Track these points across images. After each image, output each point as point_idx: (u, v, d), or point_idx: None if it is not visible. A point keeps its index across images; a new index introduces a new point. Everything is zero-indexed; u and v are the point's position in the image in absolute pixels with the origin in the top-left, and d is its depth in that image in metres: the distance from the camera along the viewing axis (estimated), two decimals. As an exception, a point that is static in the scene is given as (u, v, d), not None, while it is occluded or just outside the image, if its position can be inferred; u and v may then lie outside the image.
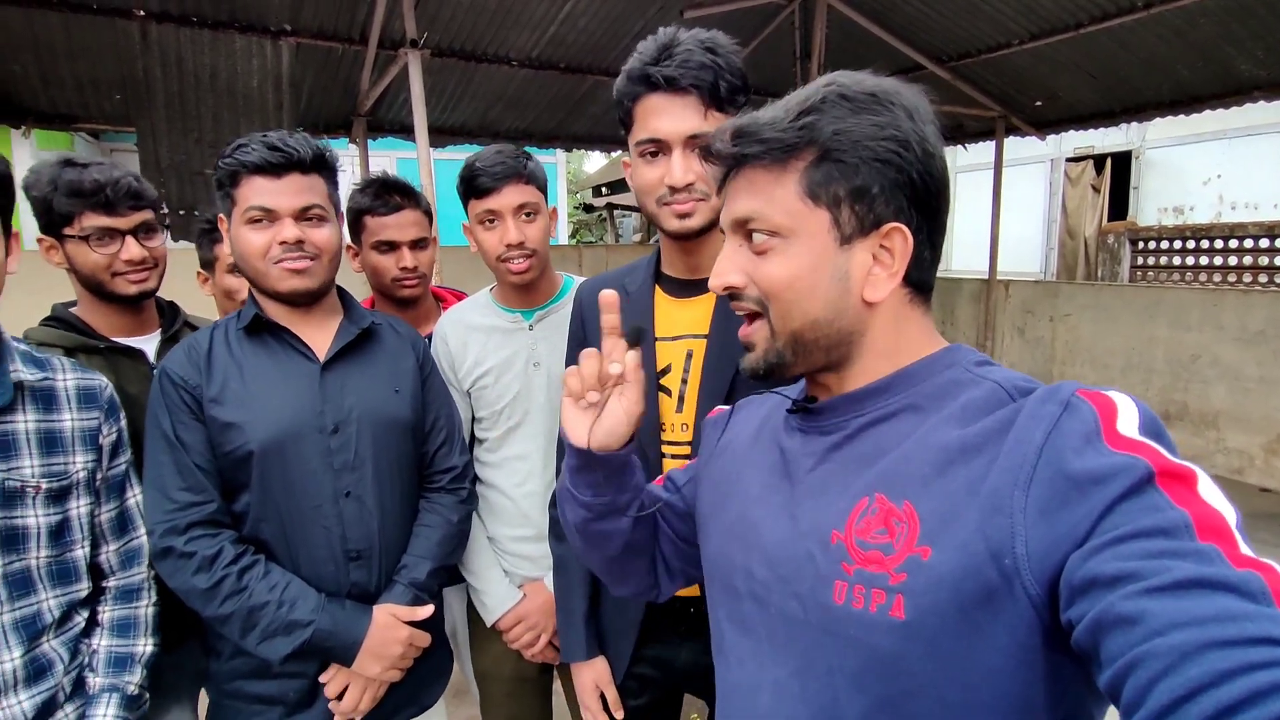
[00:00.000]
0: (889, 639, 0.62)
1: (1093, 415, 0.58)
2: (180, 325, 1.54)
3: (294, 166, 1.26)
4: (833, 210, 0.68)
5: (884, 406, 0.71)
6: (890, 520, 0.65)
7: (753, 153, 0.70)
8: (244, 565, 1.23)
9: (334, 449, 1.29)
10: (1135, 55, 4.91)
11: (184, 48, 4.45)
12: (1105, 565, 0.51)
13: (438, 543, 1.39)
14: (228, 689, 1.33)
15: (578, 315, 1.37)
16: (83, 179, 1.34)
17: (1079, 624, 0.52)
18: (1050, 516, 0.56)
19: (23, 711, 1.08)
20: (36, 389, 1.14)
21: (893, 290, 0.70)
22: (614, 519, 0.90)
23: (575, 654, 1.37)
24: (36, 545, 1.11)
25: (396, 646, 1.30)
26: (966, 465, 0.62)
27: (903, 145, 0.67)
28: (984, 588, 0.58)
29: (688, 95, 1.10)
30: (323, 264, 1.30)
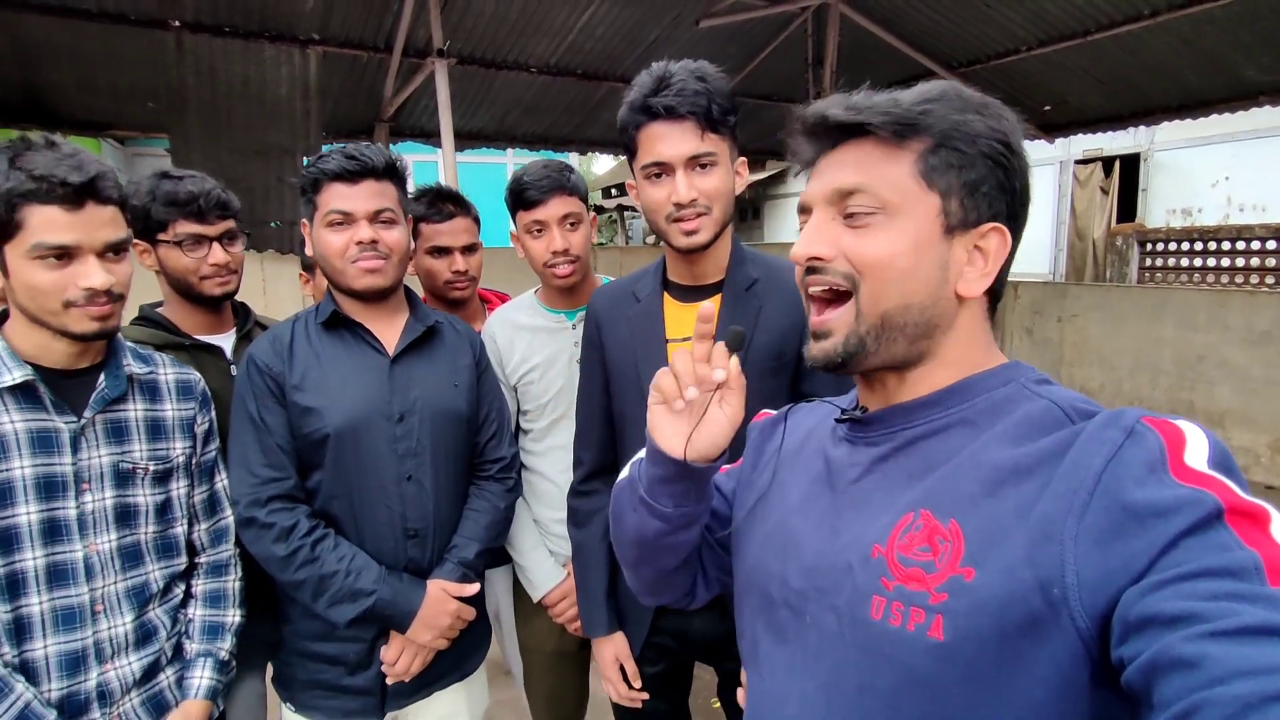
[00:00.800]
0: (925, 659, 0.60)
1: (1159, 444, 0.55)
2: (252, 324, 1.68)
3: (368, 174, 1.39)
4: (944, 198, 0.68)
5: (935, 420, 0.69)
6: (934, 538, 0.63)
7: (875, 123, 0.67)
8: (317, 537, 1.36)
9: (399, 435, 1.42)
10: (1143, 61, 5.00)
11: (216, 57, 4.61)
12: (1165, 604, 0.48)
13: (485, 526, 1.52)
14: (296, 648, 1.46)
15: (593, 320, 1.48)
16: (178, 190, 1.48)
17: (1131, 663, 0.49)
18: (1105, 547, 0.54)
19: (132, 672, 1.21)
20: (143, 381, 1.27)
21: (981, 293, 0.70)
22: (689, 531, 0.87)
23: (596, 630, 1.49)
24: (145, 521, 1.24)
25: (445, 618, 1.43)
26: (1018, 487, 0.60)
27: (1011, 151, 0.68)
28: (1029, 615, 0.56)
29: (686, 121, 1.23)
30: (393, 263, 1.42)
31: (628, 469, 0.93)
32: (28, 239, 1.06)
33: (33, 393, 1.13)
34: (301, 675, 1.46)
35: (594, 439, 1.49)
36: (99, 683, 1.17)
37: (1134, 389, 5.74)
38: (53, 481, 1.13)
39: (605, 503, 1.47)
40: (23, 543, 1.11)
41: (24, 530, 1.11)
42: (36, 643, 1.12)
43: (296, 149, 5.15)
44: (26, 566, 1.11)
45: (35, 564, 1.12)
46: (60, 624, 1.14)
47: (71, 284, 1.09)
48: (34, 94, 4.85)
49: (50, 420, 1.14)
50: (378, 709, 1.45)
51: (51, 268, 1.08)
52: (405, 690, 1.47)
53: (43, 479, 1.12)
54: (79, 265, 1.10)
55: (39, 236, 1.06)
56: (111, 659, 1.19)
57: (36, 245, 1.06)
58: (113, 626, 1.19)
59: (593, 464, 1.50)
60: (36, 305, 1.10)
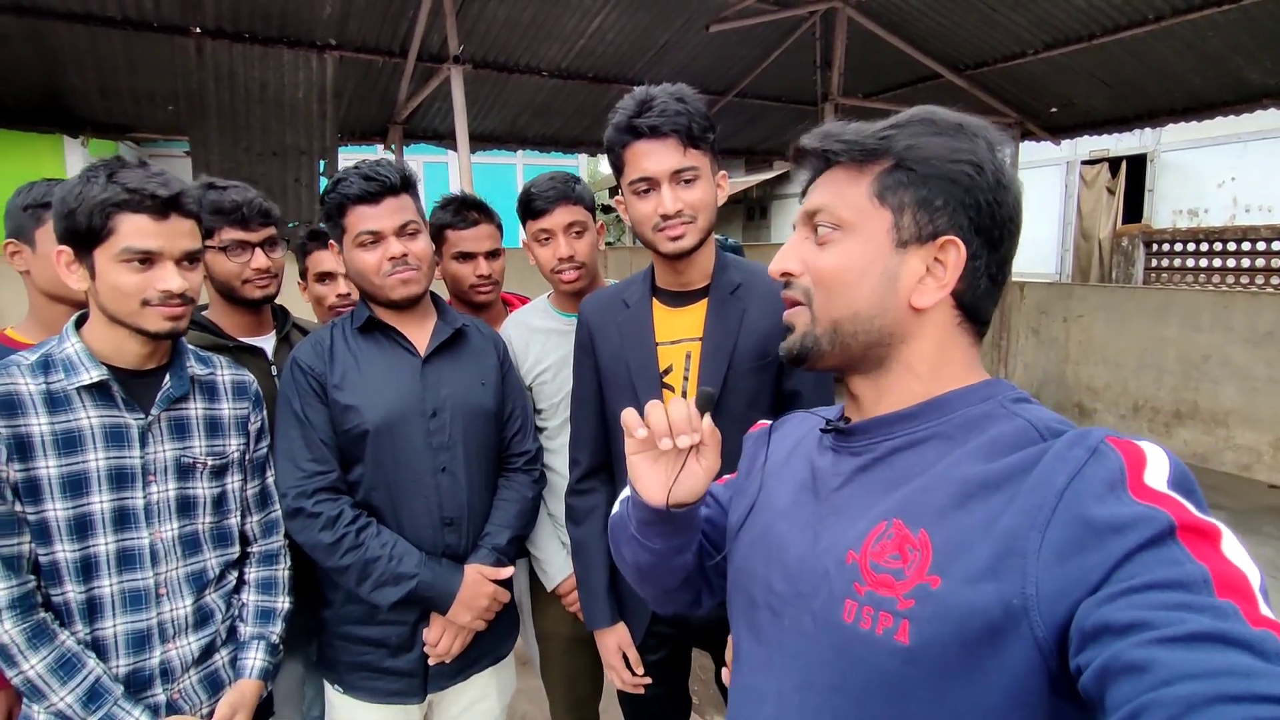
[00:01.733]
0: (891, 662, 0.64)
1: (1119, 464, 0.58)
2: (290, 327, 1.77)
3: (387, 191, 1.47)
4: (895, 214, 0.72)
5: (914, 432, 0.73)
6: (905, 546, 0.66)
7: (834, 150, 0.75)
8: (360, 525, 1.45)
9: (433, 430, 1.51)
10: (1147, 65, 5.05)
11: (236, 62, 4.71)
12: (1118, 613, 0.51)
13: (515, 515, 1.61)
14: (339, 632, 1.54)
15: (584, 327, 1.56)
16: (223, 199, 1.57)
17: (1087, 669, 0.52)
18: (1065, 561, 0.56)
19: (191, 651, 1.30)
20: (203, 382, 1.36)
21: (940, 304, 0.73)
22: (682, 555, 0.92)
23: (599, 622, 1.56)
24: (203, 512, 1.33)
25: (483, 599, 1.51)
26: (985, 501, 0.63)
27: (976, 169, 0.70)
28: (989, 625, 0.59)
29: (668, 139, 1.32)
30: (424, 271, 1.52)
31: (618, 505, 0.97)
32: (118, 243, 1.17)
33: (107, 391, 1.22)
34: (345, 658, 1.54)
35: (588, 440, 1.57)
36: (161, 660, 1.26)
37: (1139, 388, 5.79)
38: (123, 473, 1.23)
39: (601, 501, 1.56)
40: (96, 529, 1.20)
41: (98, 517, 1.20)
42: (107, 622, 1.21)
43: (313, 151, 5.25)
44: (99, 551, 1.21)
45: (107, 549, 1.21)
46: (128, 605, 1.23)
47: (151, 286, 1.19)
48: (58, 98, 4.96)
49: (121, 416, 1.23)
50: (420, 690, 1.54)
51: (135, 270, 1.19)
52: (446, 672, 1.55)
53: (114, 470, 1.22)
54: (159, 270, 1.20)
55: (128, 241, 1.17)
56: (173, 639, 1.28)
57: (125, 249, 1.17)
58: (174, 609, 1.28)
59: (588, 464, 1.57)
60: (117, 305, 1.20)
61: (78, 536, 1.18)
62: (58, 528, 1.17)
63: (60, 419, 1.17)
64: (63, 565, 1.18)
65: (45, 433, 1.16)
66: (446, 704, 1.62)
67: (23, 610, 1.14)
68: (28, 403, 1.16)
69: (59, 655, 1.15)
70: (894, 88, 6.17)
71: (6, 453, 1.13)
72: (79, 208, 1.16)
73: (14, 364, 1.19)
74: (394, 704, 1.53)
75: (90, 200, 1.15)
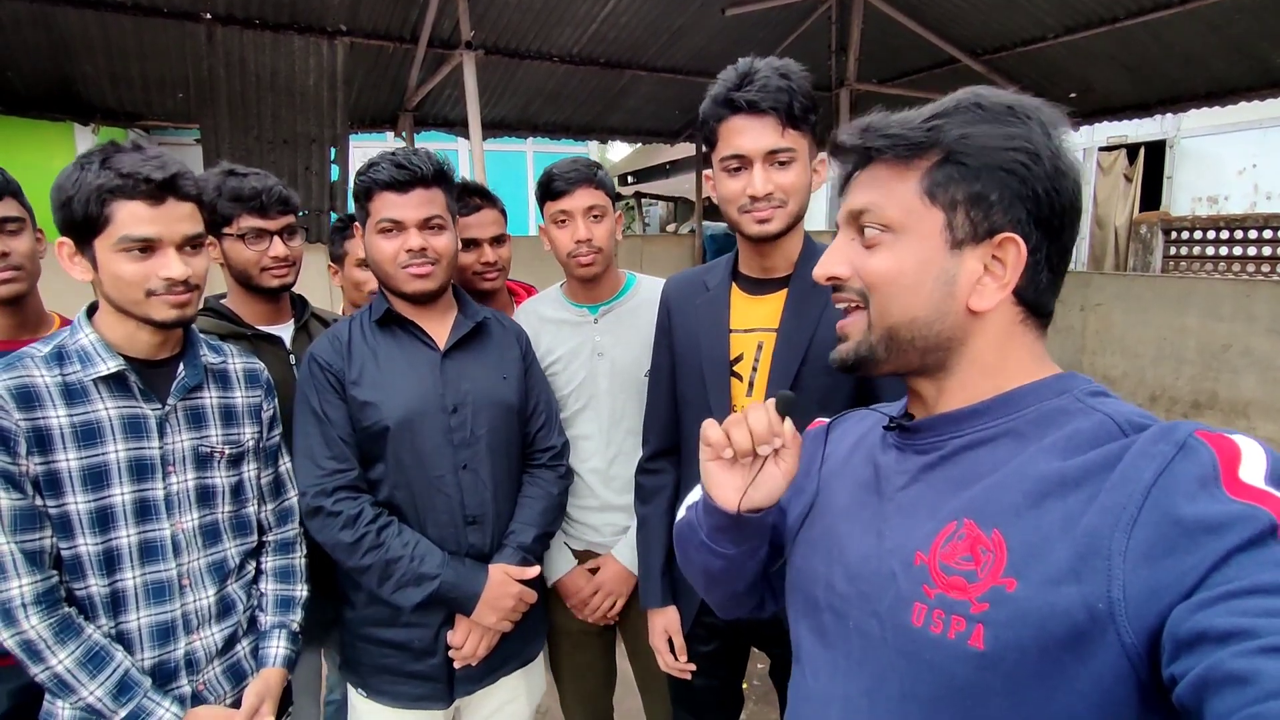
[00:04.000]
0: (965, 668, 0.61)
1: (1211, 459, 0.55)
2: (308, 316, 1.75)
3: (417, 182, 1.44)
4: (948, 212, 0.68)
5: (983, 429, 0.70)
6: (977, 547, 0.63)
7: (877, 146, 0.71)
8: (382, 524, 1.43)
9: (453, 427, 1.49)
10: (1170, 48, 4.94)
11: (246, 49, 4.67)
12: (1217, 620, 0.48)
13: (540, 512, 1.58)
14: (361, 634, 1.52)
15: (665, 306, 1.54)
16: (243, 186, 1.55)
17: (1183, 680, 0.49)
18: (1154, 563, 0.53)
19: (215, 642, 1.30)
20: (216, 370, 1.34)
21: (1001, 304, 0.69)
22: (752, 560, 0.90)
23: (651, 601, 1.56)
24: (222, 501, 1.32)
25: (509, 600, 1.48)
26: (1064, 499, 0.60)
27: (1031, 157, 0.66)
28: (1072, 629, 0.56)
29: (766, 116, 1.27)
30: (442, 267, 1.48)
31: (684, 510, 0.95)
32: (115, 232, 1.14)
33: (124, 381, 1.20)
34: (368, 660, 1.51)
35: (660, 421, 1.56)
36: (186, 652, 1.25)
37: (1157, 378, 5.72)
38: (143, 464, 1.21)
39: (669, 482, 1.55)
40: (118, 521, 1.19)
41: (119, 509, 1.19)
42: (131, 615, 1.20)
43: (324, 139, 5.22)
44: (122, 543, 1.19)
45: (129, 541, 1.20)
46: (152, 597, 1.22)
47: (153, 274, 1.16)
48: (67, 85, 4.94)
49: (139, 407, 1.22)
50: (446, 695, 1.51)
51: (135, 259, 1.15)
52: (473, 676, 1.52)
53: (134, 462, 1.20)
54: (160, 257, 1.17)
55: (125, 230, 1.14)
56: (197, 630, 1.27)
57: (123, 238, 1.14)
58: (198, 599, 1.27)
59: (658, 444, 1.57)
60: (121, 295, 1.17)
61: (99, 529, 1.17)
62: (79, 520, 1.15)
63: (78, 411, 1.16)
64: (85, 559, 1.16)
65: (64, 425, 1.14)
66: (474, 707, 1.60)
67: (48, 605, 1.13)
68: (45, 395, 1.14)
69: (87, 649, 1.14)
70: (910, 73, 6.08)
71: (26, 445, 1.11)
72: (75, 196, 1.13)
73: (27, 356, 1.17)
74: (419, 709, 1.51)
75: (85, 188, 1.12)
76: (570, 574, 1.75)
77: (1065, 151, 0.68)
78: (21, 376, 1.14)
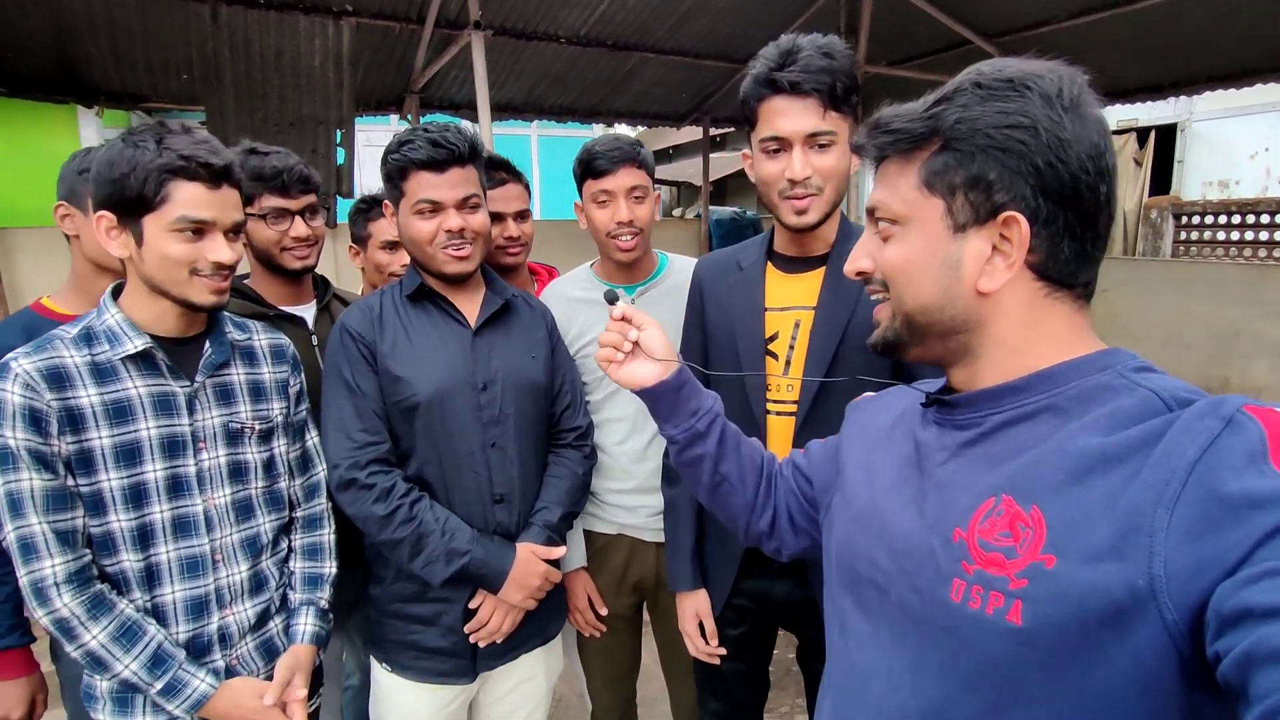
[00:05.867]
0: (1003, 643, 0.61)
1: (1259, 434, 0.54)
2: (330, 296, 1.74)
3: (454, 161, 1.42)
4: (946, 199, 0.69)
5: (1022, 405, 0.69)
6: (1016, 524, 0.63)
7: (880, 144, 0.73)
8: (414, 498, 1.43)
9: (483, 404, 1.48)
10: (1184, 30, 4.88)
11: (251, 29, 4.62)
12: (1263, 596, 0.48)
13: (566, 491, 1.58)
14: (389, 609, 1.53)
15: (696, 287, 1.54)
16: (264, 165, 1.53)
17: (1227, 657, 0.49)
18: (1198, 540, 0.53)
19: (248, 617, 1.30)
20: (242, 347, 1.34)
21: (1017, 281, 0.69)
22: (699, 445, 1.02)
23: (681, 584, 1.55)
24: (255, 477, 1.33)
25: (535, 579, 1.49)
26: (1106, 475, 0.60)
27: (1028, 131, 0.65)
28: (1112, 606, 0.56)
29: (808, 98, 1.25)
30: (479, 246, 1.48)
31: None
32: (173, 211, 1.15)
33: (151, 360, 1.20)
34: (394, 636, 1.52)
35: None
36: (220, 626, 1.26)
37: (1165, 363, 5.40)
38: (175, 441, 1.21)
39: None
40: (151, 497, 1.19)
41: (152, 486, 1.19)
42: (165, 589, 1.21)
43: (330, 121, 5.17)
44: (155, 519, 1.19)
45: (163, 516, 1.20)
46: (185, 572, 1.22)
47: (201, 257, 1.18)
48: (70, 67, 4.90)
49: (168, 385, 1.21)
50: (470, 670, 1.52)
51: (187, 240, 1.17)
52: (495, 652, 1.53)
53: (166, 439, 1.20)
54: (210, 240, 1.19)
55: (183, 210, 1.15)
56: (230, 605, 1.28)
57: (181, 218, 1.15)
58: (230, 575, 1.28)
59: None
60: (165, 274, 1.17)
61: (133, 505, 1.17)
62: (112, 498, 1.16)
63: (109, 389, 1.16)
64: (118, 535, 1.17)
65: (95, 403, 1.14)
66: (494, 682, 1.61)
67: (80, 583, 1.13)
68: (75, 375, 1.14)
69: (120, 624, 1.15)
70: (920, 55, 6.01)
71: (58, 425, 1.11)
72: (131, 173, 1.13)
73: (56, 338, 1.17)
74: (443, 684, 1.52)
75: (144, 165, 1.12)
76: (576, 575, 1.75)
77: (1071, 117, 0.66)
78: (52, 357, 1.14)
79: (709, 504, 1.10)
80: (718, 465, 1.03)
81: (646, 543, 1.77)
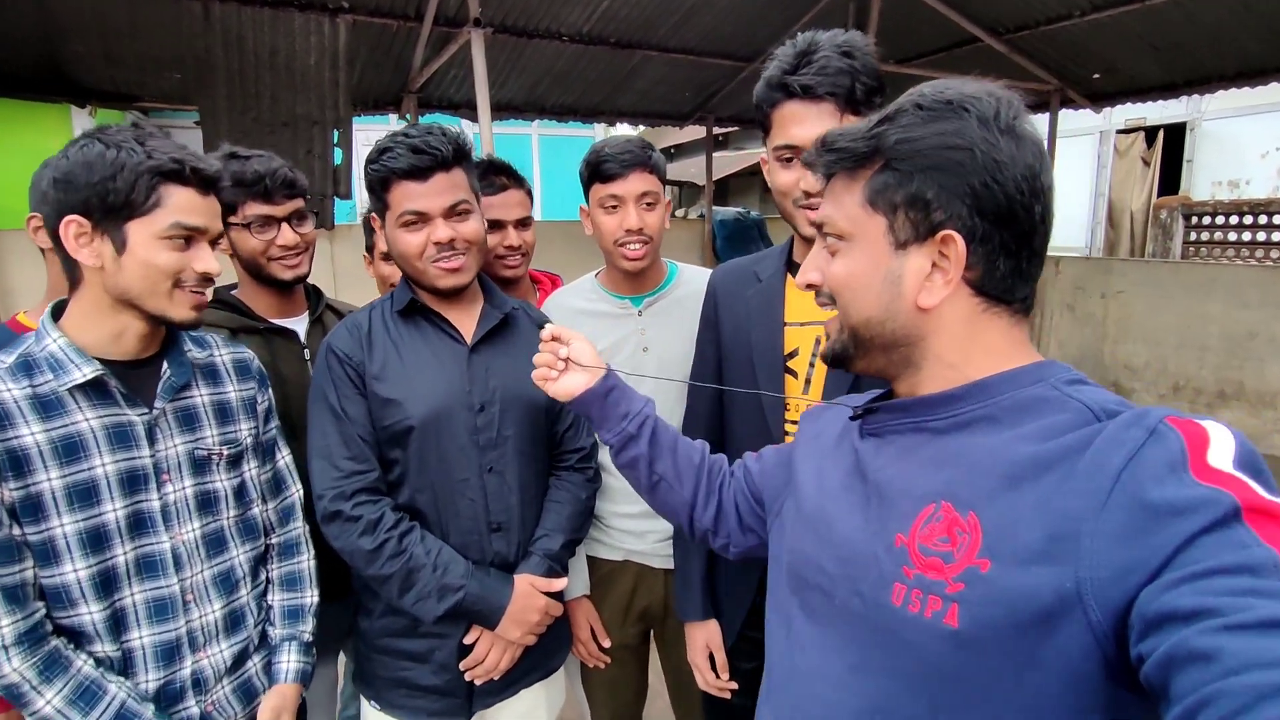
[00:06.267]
0: (941, 645, 0.63)
1: (1179, 444, 0.56)
2: (324, 307, 1.63)
3: (438, 166, 1.31)
4: (889, 217, 0.71)
5: (959, 414, 0.71)
6: (954, 529, 0.65)
7: (824, 162, 0.76)
8: (403, 530, 1.32)
9: (480, 426, 1.38)
10: (1200, 27, 4.78)
11: (245, 26, 4.51)
12: (1182, 600, 0.50)
13: (569, 517, 1.47)
14: (378, 645, 1.43)
15: (711, 299, 1.44)
16: (245, 170, 1.42)
17: (1150, 658, 0.51)
18: (1123, 545, 0.55)
19: (224, 660, 1.19)
20: (203, 365, 1.23)
21: (955, 298, 0.71)
22: (633, 446, 1.05)
23: (691, 614, 1.46)
24: (226, 506, 1.22)
25: (534, 614, 1.38)
26: (1037, 482, 0.62)
27: (965, 153, 0.68)
28: (1041, 608, 0.58)
29: (823, 103, 1.15)
30: (473, 256, 1.36)
31: None
32: (165, 217, 1.06)
33: (103, 388, 1.08)
34: (383, 673, 1.42)
35: (702, 421, 1.44)
36: (193, 671, 1.16)
37: (1179, 366, 5.61)
38: (135, 475, 1.10)
39: None
40: (112, 539, 1.08)
41: (113, 527, 1.08)
42: (133, 634, 1.10)
43: (325, 121, 5.06)
44: (118, 562, 1.09)
45: (126, 558, 1.09)
46: (154, 615, 1.12)
47: (188, 267, 1.09)
48: (59, 66, 4.79)
49: (124, 414, 1.10)
50: (464, 709, 1.42)
51: (177, 249, 1.08)
52: (493, 689, 1.43)
53: (125, 474, 1.09)
54: (197, 250, 1.11)
55: (177, 216, 1.07)
56: (204, 647, 1.18)
57: (175, 224, 1.06)
58: (204, 615, 1.18)
59: None
60: (146, 285, 1.07)
61: (92, 551, 1.06)
62: (67, 545, 1.04)
63: (56, 425, 1.03)
64: (75, 585, 1.05)
65: (41, 442, 1.02)
66: (491, 716, 1.50)
67: (31, 644, 1.02)
68: (14, 411, 1.01)
69: (76, 685, 1.04)
70: (929, 53, 5.91)
71: None
72: (118, 175, 1.02)
73: None
74: None
75: (132, 167, 1.02)
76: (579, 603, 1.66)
77: (1007, 139, 0.68)
78: None
79: (651, 503, 1.12)
80: (653, 465, 1.06)
81: (654, 570, 1.67)
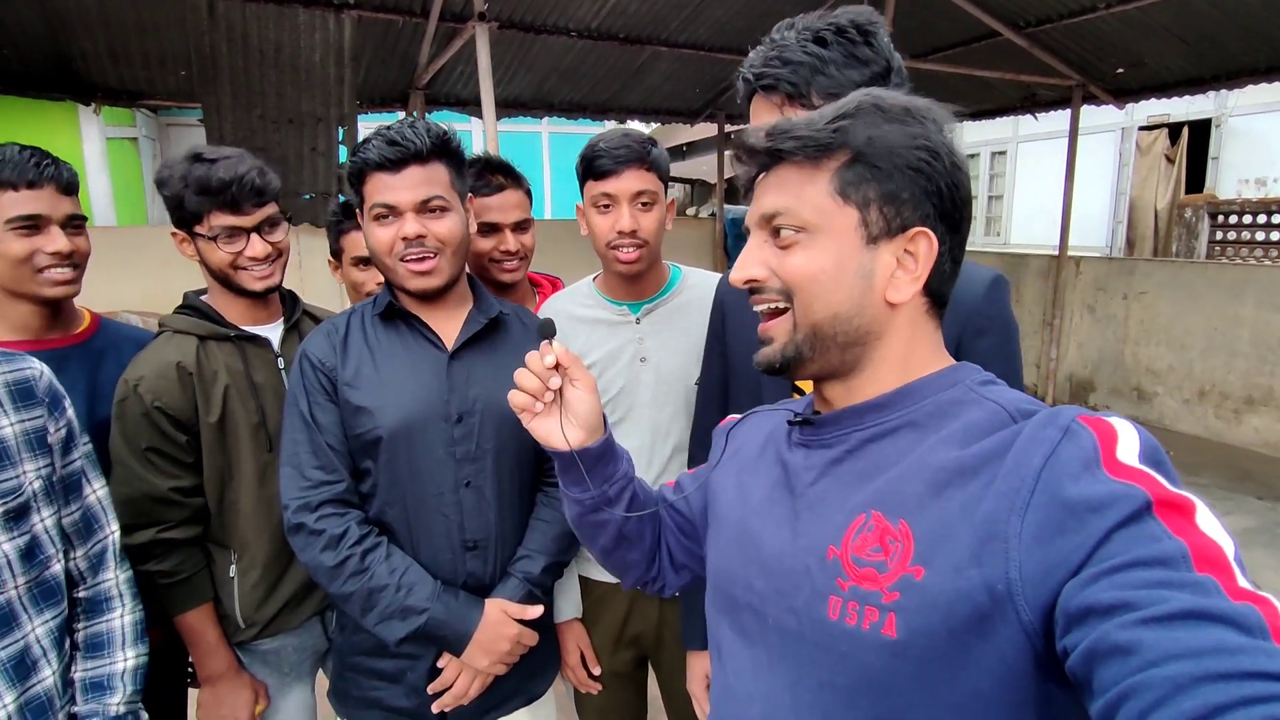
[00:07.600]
0: (880, 657, 0.63)
1: (1092, 442, 0.58)
2: (299, 314, 1.55)
3: (411, 159, 1.23)
4: (862, 210, 0.70)
5: (884, 422, 0.72)
6: (885, 538, 0.65)
7: (787, 149, 0.72)
8: (368, 546, 1.25)
9: (457, 438, 1.29)
10: (1231, 18, 4.61)
11: (249, 23, 4.47)
12: (1101, 594, 0.51)
13: (553, 538, 1.38)
14: (350, 662, 1.36)
15: (718, 310, 1.34)
16: (210, 176, 1.31)
17: (1073, 652, 0.52)
18: (1046, 543, 0.56)
19: None
20: None
21: (914, 296, 0.72)
22: (606, 511, 0.94)
23: (692, 643, 1.40)
24: (11, 574, 0.98)
25: (505, 643, 1.30)
26: (963, 487, 0.63)
27: (934, 155, 0.69)
28: (976, 611, 0.59)
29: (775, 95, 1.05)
30: (446, 257, 1.28)
31: None
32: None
33: None
34: (355, 692, 1.36)
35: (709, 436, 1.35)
36: None
37: (1206, 371, 5.43)
38: None
39: None
40: None
41: None
42: None
43: (330, 118, 5.00)
44: None
45: None
46: None
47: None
48: (66, 63, 4.77)
49: None
50: None
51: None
52: (469, 714, 1.35)
53: None
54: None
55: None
56: None
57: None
58: None
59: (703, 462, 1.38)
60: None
61: None
62: None
63: None
64: None
65: None
66: None
67: None
68: None
69: None
70: (945, 48, 5.75)
71: None
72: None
73: None
74: None
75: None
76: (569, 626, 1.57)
77: (957, 148, 0.72)
78: None
79: (603, 561, 1.02)
80: (621, 528, 0.98)
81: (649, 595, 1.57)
